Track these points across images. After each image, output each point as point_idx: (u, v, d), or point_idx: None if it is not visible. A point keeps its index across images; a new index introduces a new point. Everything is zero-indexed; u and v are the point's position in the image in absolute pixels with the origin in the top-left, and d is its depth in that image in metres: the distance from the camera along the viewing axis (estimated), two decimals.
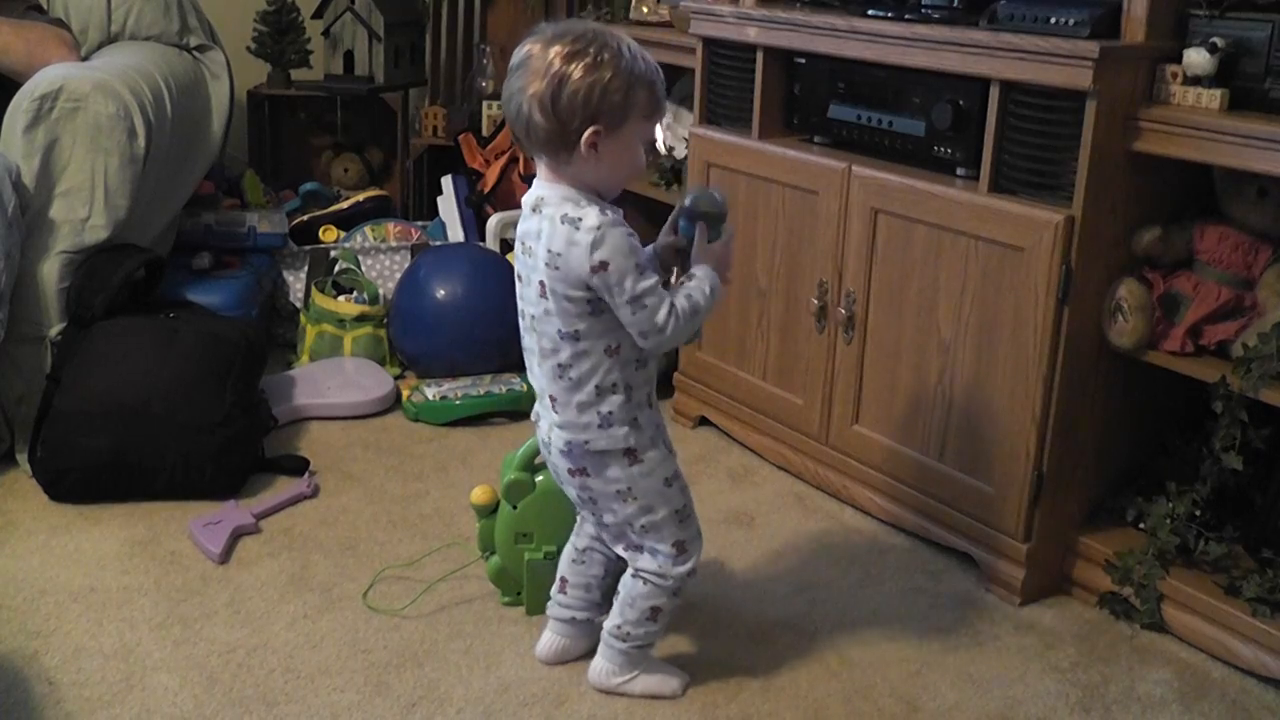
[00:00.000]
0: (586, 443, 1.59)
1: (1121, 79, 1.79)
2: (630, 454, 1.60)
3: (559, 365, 1.57)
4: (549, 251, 1.51)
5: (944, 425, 2.08)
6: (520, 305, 1.62)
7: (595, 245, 1.49)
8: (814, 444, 2.34)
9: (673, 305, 1.53)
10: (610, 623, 1.70)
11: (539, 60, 1.48)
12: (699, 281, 1.58)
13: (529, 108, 1.49)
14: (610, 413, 1.58)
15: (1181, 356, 1.86)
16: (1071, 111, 1.81)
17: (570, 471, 1.63)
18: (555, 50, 1.47)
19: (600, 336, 1.55)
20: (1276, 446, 1.86)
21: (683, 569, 1.66)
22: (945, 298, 2.04)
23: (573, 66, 1.47)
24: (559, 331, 1.55)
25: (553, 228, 1.51)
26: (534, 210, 1.56)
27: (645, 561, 1.66)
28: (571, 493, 1.68)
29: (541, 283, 1.54)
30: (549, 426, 1.63)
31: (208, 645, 1.80)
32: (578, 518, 1.77)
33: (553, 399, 1.60)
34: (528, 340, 1.62)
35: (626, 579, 1.69)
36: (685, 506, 1.67)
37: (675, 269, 1.65)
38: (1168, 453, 2.05)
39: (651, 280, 1.52)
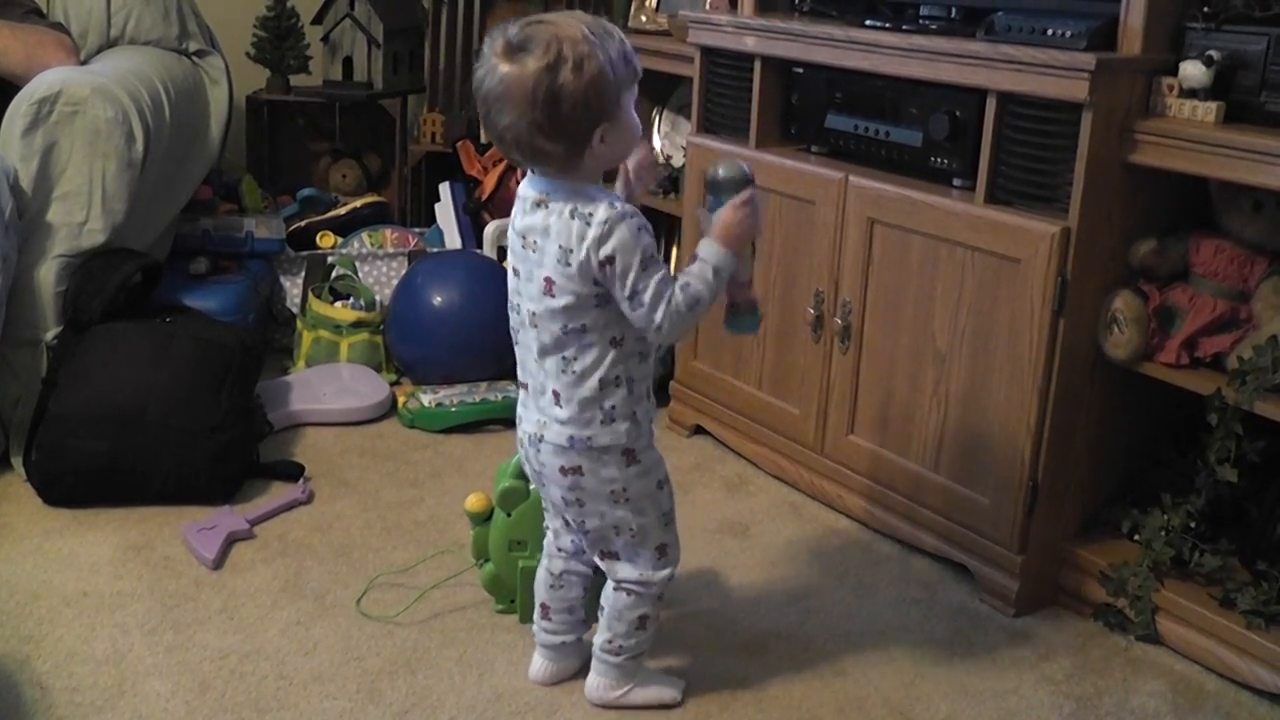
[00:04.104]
0: (589, 438, 1.56)
1: (1118, 91, 1.79)
2: (628, 454, 1.58)
3: (563, 359, 1.53)
4: (560, 248, 1.48)
5: (939, 436, 2.08)
6: (514, 300, 1.58)
7: (603, 239, 1.46)
8: (809, 454, 2.34)
9: (670, 300, 1.50)
10: (600, 639, 1.68)
11: (518, 85, 1.42)
12: (700, 266, 1.54)
13: (530, 136, 1.44)
14: (613, 407, 1.55)
15: (1177, 369, 1.86)
16: (1068, 123, 1.82)
17: (562, 470, 1.59)
18: (531, 67, 1.41)
19: (605, 329, 1.52)
20: (1271, 459, 1.86)
21: (664, 574, 1.65)
22: (941, 308, 2.04)
23: (559, 79, 1.41)
24: (564, 327, 1.51)
25: (563, 223, 1.48)
26: (538, 205, 1.52)
27: (625, 570, 1.64)
28: (555, 494, 1.62)
29: (548, 279, 1.50)
30: (543, 422, 1.58)
31: (200, 651, 1.80)
32: (546, 537, 1.75)
33: (556, 394, 1.55)
34: (523, 336, 1.58)
35: (609, 594, 1.67)
36: (670, 510, 1.66)
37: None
38: (1163, 465, 2.05)
39: (654, 275, 1.49)
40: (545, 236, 1.50)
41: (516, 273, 1.57)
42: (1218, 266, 1.88)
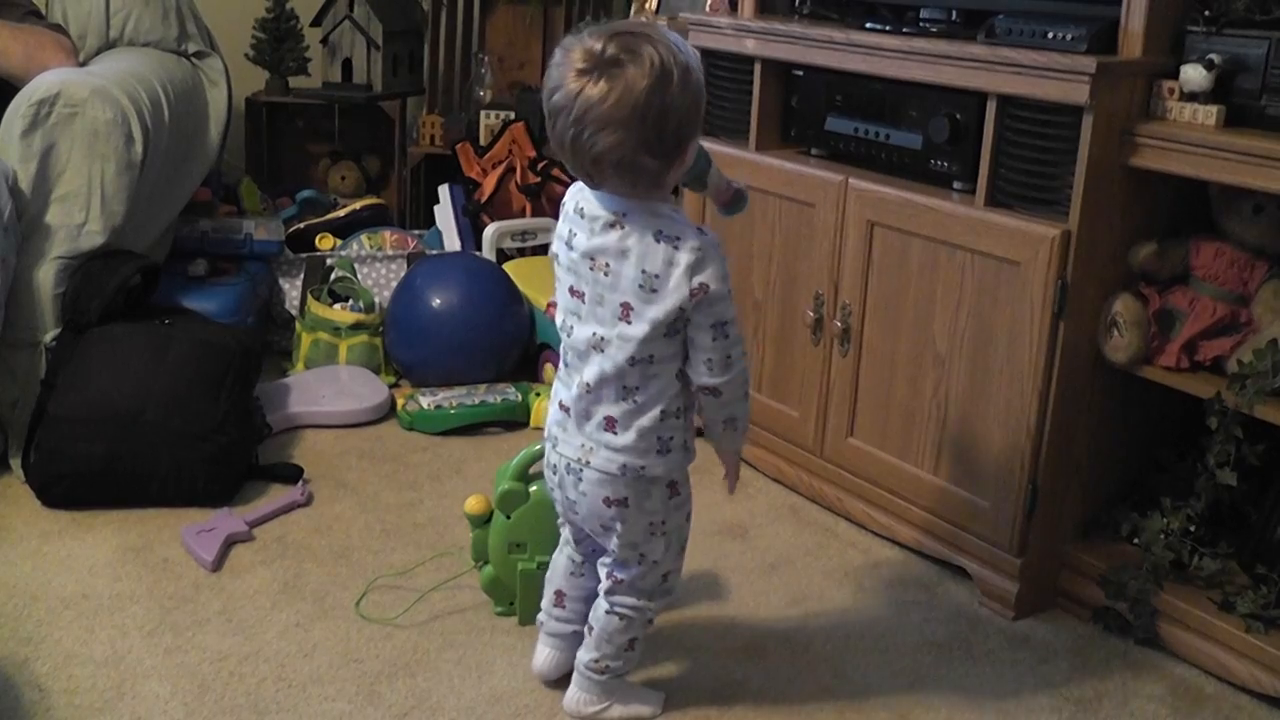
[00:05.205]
0: (643, 468, 1.50)
1: (1118, 94, 1.80)
2: (673, 486, 1.56)
3: (625, 388, 1.47)
4: (644, 273, 1.41)
5: (939, 438, 2.08)
6: (568, 322, 1.51)
7: (697, 267, 1.40)
8: (809, 456, 2.34)
9: (742, 346, 1.47)
10: (587, 656, 1.66)
11: (625, 102, 1.32)
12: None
13: (634, 155, 1.36)
14: (670, 437, 1.51)
15: (1177, 372, 1.86)
16: (1068, 126, 1.82)
17: (607, 501, 1.52)
18: (640, 83, 1.32)
19: (671, 360, 1.48)
20: (1271, 462, 1.86)
21: (659, 603, 1.65)
22: (941, 311, 2.04)
23: (670, 94, 1.33)
24: (631, 357, 1.45)
25: (646, 247, 1.41)
26: (611, 226, 1.43)
27: (624, 596, 1.62)
28: (592, 523, 1.57)
29: (626, 304, 1.43)
30: (589, 448, 1.51)
31: (199, 653, 1.79)
32: (562, 532, 1.73)
33: (610, 420, 1.49)
34: (576, 359, 1.51)
35: (599, 615, 1.64)
36: (686, 542, 1.65)
37: None
38: (1162, 468, 2.05)
39: (733, 309, 1.45)
40: (622, 260, 1.43)
41: (577, 294, 1.49)
42: (1218, 270, 1.88)
